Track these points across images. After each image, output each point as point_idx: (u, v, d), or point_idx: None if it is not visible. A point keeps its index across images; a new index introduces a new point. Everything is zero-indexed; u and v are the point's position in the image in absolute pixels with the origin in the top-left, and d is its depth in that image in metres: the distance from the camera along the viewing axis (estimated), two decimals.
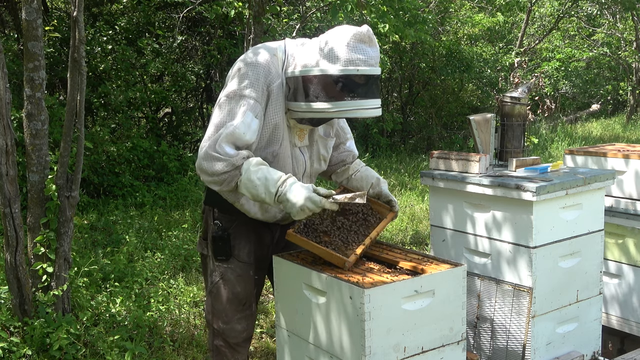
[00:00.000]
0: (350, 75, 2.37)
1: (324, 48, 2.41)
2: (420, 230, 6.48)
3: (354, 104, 2.40)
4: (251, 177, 2.39)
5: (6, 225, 3.41)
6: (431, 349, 2.39)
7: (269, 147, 2.56)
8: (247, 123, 2.44)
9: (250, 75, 2.48)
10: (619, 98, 18.28)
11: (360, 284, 2.28)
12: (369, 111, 2.44)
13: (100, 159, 7.16)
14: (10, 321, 3.48)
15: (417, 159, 10.44)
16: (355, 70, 2.36)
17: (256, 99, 2.46)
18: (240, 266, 2.69)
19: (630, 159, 3.54)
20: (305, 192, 2.34)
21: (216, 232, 2.66)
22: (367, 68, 2.38)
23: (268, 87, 2.49)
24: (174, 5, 9.46)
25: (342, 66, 2.37)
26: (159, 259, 4.98)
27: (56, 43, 8.02)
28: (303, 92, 2.44)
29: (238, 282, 2.70)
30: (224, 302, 2.71)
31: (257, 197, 2.41)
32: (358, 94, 2.40)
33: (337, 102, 2.39)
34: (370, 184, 2.85)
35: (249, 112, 2.45)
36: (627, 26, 16.23)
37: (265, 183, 2.38)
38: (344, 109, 2.40)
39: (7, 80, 3.34)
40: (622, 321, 3.67)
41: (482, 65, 11.93)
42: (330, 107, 2.40)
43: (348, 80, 2.38)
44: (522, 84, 3.58)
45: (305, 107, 2.44)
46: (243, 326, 2.76)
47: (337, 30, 2.44)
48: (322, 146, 2.76)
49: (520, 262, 2.92)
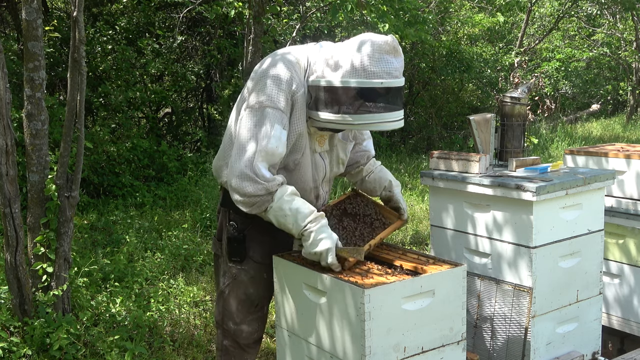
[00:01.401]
0: (373, 88, 2.33)
1: (348, 57, 2.36)
2: (420, 230, 6.48)
3: (377, 117, 2.36)
4: (283, 207, 2.39)
5: (6, 225, 3.41)
6: (431, 349, 2.39)
7: (292, 155, 2.54)
8: (278, 136, 2.41)
9: (275, 84, 2.43)
10: (619, 98, 18.28)
11: (361, 284, 2.28)
12: (391, 124, 2.41)
13: (100, 159, 7.16)
14: (10, 321, 3.48)
15: (417, 159, 10.44)
16: (379, 83, 2.32)
17: (282, 110, 2.43)
18: (254, 267, 2.68)
19: (631, 159, 3.54)
20: (328, 244, 2.37)
21: (232, 233, 2.64)
22: (391, 80, 2.33)
23: (292, 96, 2.45)
24: (174, 5, 9.47)
25: (366, 78, 2.32)
26: (159, 259, 4.98)
27: (56, 43, 8.02)
28: (325, 101, 2.40)
29: (251, 284, 2.69)
30: (236, 303, 2.70)
31: (284, 226, 2.43)
32: (381, 106, 2.35)
33: (361, 115, 2.35)
34: (383, 187, 2.85)
35: (278, 125, 2.41)
36: (627, 26, 16.23)
37: (295, 215, 2.38)
38: (366, 122, 2.37)
39: (7, 80, 3.34)
40: (623, 321, 3.67)
41: (482, 65, 11.94)
42: (352, 119, 2.36)
43: (372, 93, 2.33)
44: (522, 84, 3.58)
45: (327, 117, 2.40)
46: (254, 327, 2.74)
47: (363, 38, 2.38)
48: (341, 150, 2.74)
49: (520, 262, 2.92)
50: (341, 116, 2.37)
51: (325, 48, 2.52)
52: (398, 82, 2.36)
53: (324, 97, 2.40)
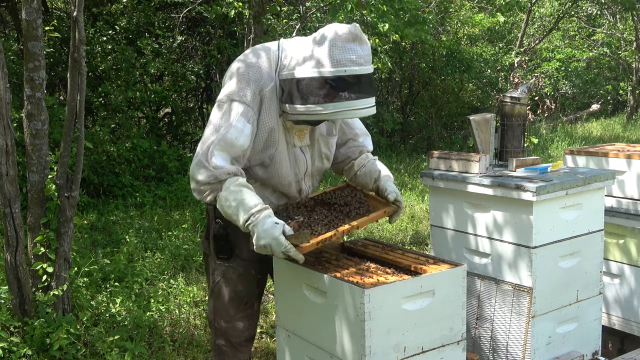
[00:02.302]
0: (340, 77, 2.35)
1: (314, 49, 2.40)
2: (420, 230, 6.48)
3: (347, 104, 2.38)
4: (229, 197, 2.40)
5: (6, 225, 3.41)
6: (431, 349, 2.39)
7: (266, 151, 2.56)
8: (240, 128, 2.45)
9: (243, 80, 2.49)
10: (619, 98, 18.28)
11: (360, 284, 2.28)
12: (362, 111, 2.42)
13: (100, 159, 7.16)
14: (10, 321, 3.48)
15: (417, 159, 10.44)
16: (343, 71, 2.35)
17: (248, 104, 2.47)
18: (242, 265, 2.69)
19: (631, 160, 3.54)
20: (273, 233, 2.30)
21: (217, 230, 2.66)
22: (356, 68, 2.36)
23: (260, 91, 2.49)
24: (174, 5, 9.46)
25: (331, 68, 2.35)
26: (159, 259, 4.98)
27: (56, 43, 8.02)
28: (296, 94, 2.43)
29: (240, 281, 2.70)
30: (226, 301, 2.72)
31: (230, 217, 2.42)
32: (350, 94, 2.37)
33: (329, 104, 2.37)
34: (373, 179, 2.82)
35: (241, 117, 2.45)
36: (627, 26, 16.23)
37: (239, 206, 2.37)
38: (336, 110, 2.38)
39: (7, 80, 3.34)
40: (623, 321, 3.67)
41: (482, 65, 11.94)
42: (322, 109, 2.38)
43: (338, 82, 2.36)
44: (522, 84, 3.58)
45: (299, 109, 2.43)
46: (245, 325, 2.75)
47: (326, 29, 2.42)
48: (323, 145, 2.74)
49: (520, 262, 2.92)
50: (310, 107, 2.40)
51: (294, 42, 2.55)
52: (364, 70, 2.38)
53: (294, 90, 2.43)
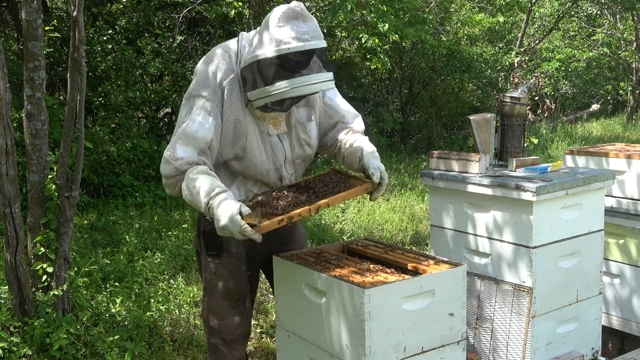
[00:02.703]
0: (283, 55, 2.37)
1: (261, 34, 2.44)
2: (420, 230, 6.48)
3: (297, 81, 2.39)
4: (189, 185, 2.41)
5: (6, 225, 3.41)
6: (431, 349, 2.39)
7: (236, 142, 2.56)
8: (200, 121, 2.47)
9: (202, 76, 2.53)
10: (619, 98, 18.27)
11: (360, 284, 2.28)
12: (315, 86, 2.43)
13: (100, 159, 7.15)
14: (10, 321, 3.48)
15: (417, 159, 10.43)
16: (286, 49, 2.35)
17: (207, 98, 2.50)
18: (232, 261, 2.70)
19: (631, 160, 3.54)
20: (229, 212, 2.28)
21: (206, 226, 2.67)
22: (300, 44, 2.36)
23: (220, 84, 2.51)
24: (174, 5, 9.46)
25: (275, 47, 2.37)
26: (159, 259, 4.98)
27: (56, 43, 8.01)
28: (252, 80, 2.46)
29: (231, 278, 2.71)
30: (218, 298, 2.73)
31: (192, 204, 2.42)
32: (300, 70, 2.39)
33: (280, 83, 2.39)
34: (357, 158, 2.72)
35: (201, 111, 2.48)
36: (627, 26, 16.22)
37: (199, 192, 2.37)
38: (287, 87, 2.39)
39: (7, 80, 3.34)
40: (623, 321, 3.67)
41: (482, 65, 11.93)
42: (274, 89, 2.40)
43: (284, 59, 2.37)
44: (522, 84, 3.58)
45: (261, 92, 2.45)
46: (238, 322, 2.76)
47: (271, 12, 2.45)
48: (301, 131, 2.71)
49: (520, 262, 2.92)
50: (265, 89, 2.42)
51: (252, 33, 2.58)
52: (309, 45, 2.38)
53: (250, 77, 2.47)
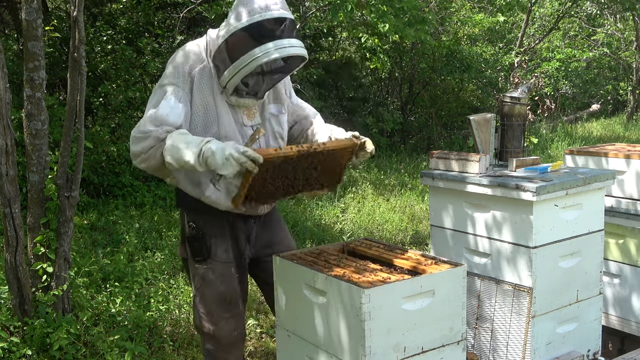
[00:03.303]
0: (257, 22, 2.42)
1: (230, 16, 2.50)
2: (420, 230, 6.48)
3: (272, 45, 2.42)
4: (175, 143, 2.40)
5: (6, 225, 3.41)
6: (431, 349, 2.39)
7: (207, 130, 2.57)
8: (171, 105, 2.49)
9: (171, 66, 2.57)
10: (619, 98, 18.27)
11: (360, 284, 2.28)
12: (289, 49, 2.46)
13: (100, 159, 7.15)
14: (10, 321, 3.48)
15: (417, 159, 10.43)
16: (259, 17, 2.43)
17: (177, 85, 2.53)
18: (220, 265, 2.69)
19: (631, 159, 3.54)
20: (228, 145, 2.34)
21: (190, 232, 2.67)
22: (271, 12, 2.44)
23: (190, 72, 2.55)
24: (174, 5, 9.46)
25: (247, 17, 2.44)
26: (159, 259, 4.98)
27: (56, 43, 8.01)
28: (227, 58, 2.49)
29: (221, 282, 2.69)
30: (210, 303, 2.70)
31: (181, 160, 2.37)
32: (273, 35, 2.44)
33: (255, 49, 2.43)
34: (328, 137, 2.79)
35: (171, 96, 2.51)
36: (628, 26, 16.22)
37: (188, 145, 2.37)
38: (265, 51, 2.42)
39: (7, 80, 3.34)
40: (622, 321, 3.67)
41: (482, 65, 11.93)
42: (250, 57, 2.43)
43: (258, 27, 2.43)
44: (522, 84, 3.58)
45: (233, 69, 2.48)
46: (232, 326, 2.74)
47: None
48: (275, 123, 2.74)
49: (520, 262, 2.92)
50: (241, 60, 2.45)
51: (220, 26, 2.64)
52: (281, 14, 2.45)
53: (224, 56, 2.51)
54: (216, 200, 2.60)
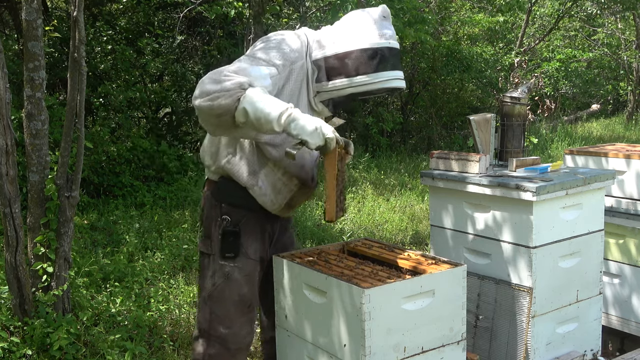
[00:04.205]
0: (383, 48, 2.46)
1: (355, 26, 2.49)
2: (420, 230, 6.48)
3: (390, 74, 2.48)
4: (258, 95, 2.26)
5: (6, 225, 3.41)
6: (431, 349, 2.39)
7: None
8: (262, 74, 2.35)
9: (276, 46, 2.46)
10: (619, 98, 18.27)
11: (360, 284, 2.28)
12: (400, 81, 2.53)
13: (100, 159, 7.16)
14: (10, 321, 3.48)
15: (417, 159, 10.43)
16: (387, 43, 2.48)
17: (277, 68, 2.43)
18: (249, 264, 2.61)
19: (631, 159, 3.54)
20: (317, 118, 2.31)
21: (226, 227, 2.55)
22: (395, 42, 2.52)
23: (291, 64, 2.48)
24: (174, 5, 9.47)
25: (378, 39, 2.46)
26: (159, 259, 4.98)
27: (56, 43, 8.01)
28: (341, 68, 2.47)
29: (246, 282, 2.60)
30: (228, 304, 2.59)
31: (261, 111, 2.24)
32: (391, 66, 2.49)
33: (376, 74, 2.46)
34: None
35: (266, 70, 2.38)
36: (628, 26, 16.21)
37: (273, 101, 2.27)
38: (382, 79, 2.47)
39: (7, 80, 3.34)
40: (622, 321, 3.67)
41: (482, 65, 11.93)
42: (369, 79, 2.46)
43: (383, 53, 2.46)
44: (522, 84, 3.58)
45: (347, 82, 2.47)
46: (247, 330, 2.65)
47: (360, 11, 2.54)
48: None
49: (520, 262, 2.92)
50: (359, 78, 2.46)
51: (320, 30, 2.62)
52: (397, 45, 2.55)
53: (339, 65, 2.48)
54: (263, 194, 2.54)
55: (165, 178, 7.74)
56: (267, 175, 2.54)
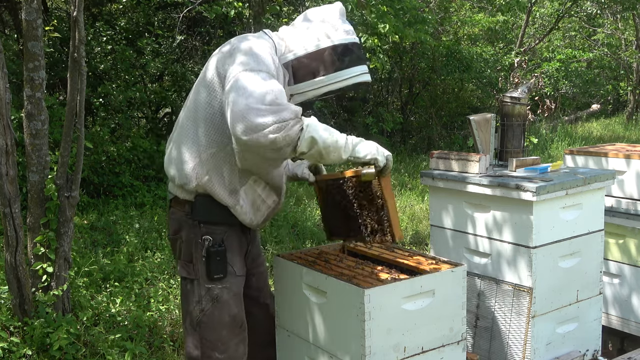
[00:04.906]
0: (351, 44, 2.44)
1: (320, 24, 2.46)
2: (420, 230, 6.48)
3: (360, 69, 2.45)
4: (319, 124, 2.22)
5: (6, 225, 3.41)
6: (431, 349, 2.39)
7: None
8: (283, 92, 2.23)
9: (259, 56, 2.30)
10: (619, 98, 18.27)
11: (360, 284, 2.28)
12: (368, 75, 2.50)
13: (100, 159, 7.16)
14: (10, 321, 3.48)
15: (417, 159, 10.43)
16: (353, 38, 2.46)
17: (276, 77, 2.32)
18: (237, 282, 2.48)
19: (631, 159, 3.54)
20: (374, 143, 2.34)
21: (211, 247, 2.40)
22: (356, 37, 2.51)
23: (276, 69, 2.36)
24: (174, 5, 9.47)
25: (345, 35, 2.44)
26: (159, 259, 4.98)
27: (56, 43, 8.01)
28: (315, 68, 2.41)
29: (235, 302, 2.47)
30: (220, 328, 2.44)
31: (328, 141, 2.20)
32: (361, 60, 2.47)
33: (349, 69, 2.42)
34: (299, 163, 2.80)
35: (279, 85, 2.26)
36: (628, 26, 16.21)
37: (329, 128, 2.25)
38: (355, 74, 2.44)
39: (7, 80, 3.34)
40: (622, 321, 3.67)
41: (482, 65, 11.93)
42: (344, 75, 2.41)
43: (352, 49, 2.44)
44: (522, 84, 3.58)
45: (322, 80, 2.40)
46: (242, 350, 2.51)
47: (319, 9, 2.51)
48: None
49: (520, 262, 2.92)
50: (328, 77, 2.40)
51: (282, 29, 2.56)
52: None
53: (312, 65, 2.41)
54: (244, 213, 2.45)
55: (165, 178, 7.74)
56: (246, 192, 2.44)
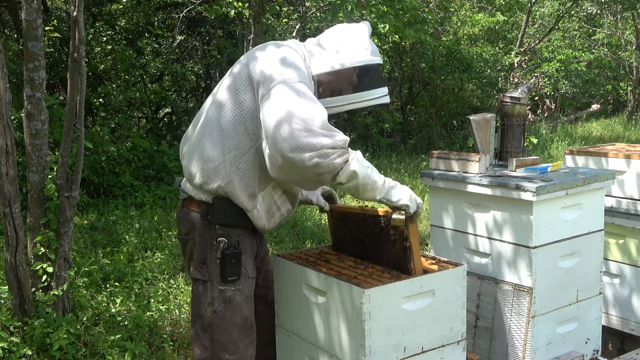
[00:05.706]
0: (375, 65, 2.48)
1: (350, 41, 2.47)
2: (420, 230, 6.48)
3: (382, 91, 2.50)
4: (364, 160, 2.25)
5: (6, 225, 3.41)
6: (431, 349, 2.39)
7: None
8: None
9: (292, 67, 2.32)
10: (619, 98, 18.28)
11: (360, 284, 2.28)
12: (387, 97, 2.54)
13: (100, 159, 7.16)
14: (10, 321, 3.48)
15: (417, 159, 10.43)
16: (379, 59, 2.50)
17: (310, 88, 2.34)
18: (249, 283, 2.50)
19: (631, 159, 3.54)
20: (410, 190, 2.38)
21: (226, 249, 2.41)
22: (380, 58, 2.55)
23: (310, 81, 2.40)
24: (174, 5, 9.47)
25: (371, 56, 2.46)
26: (159, 259, 4.98)
27: (56, 43, 8.02)
28: (339, 86, 2.43)
29: (246, 304, 2.49)
30: (231, 330, 2.46)
31: (368, 179, 2.23)
32: (383, 82, 2.51)
33: (374, 91, 2.46)
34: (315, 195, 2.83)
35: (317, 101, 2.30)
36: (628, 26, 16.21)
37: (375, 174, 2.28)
38: (377, 95, 2.48)
39: (7, 80, 3.34)
40: (622, 321, 3.67)
41: (482, 65, 11.93)
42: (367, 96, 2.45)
43: (377, 70, 2.48)
44: (522, 84, 3.58)
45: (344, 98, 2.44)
46: (251, 352, 2.53)
47: (349, 26, 2.52)
48: None
49: (520, 262, 2.92)
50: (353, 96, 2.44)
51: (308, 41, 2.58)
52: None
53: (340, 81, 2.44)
54: (258, 218, 2.45)
55: (165, 178, 7.74)
56: (264, 197, 2.45)
